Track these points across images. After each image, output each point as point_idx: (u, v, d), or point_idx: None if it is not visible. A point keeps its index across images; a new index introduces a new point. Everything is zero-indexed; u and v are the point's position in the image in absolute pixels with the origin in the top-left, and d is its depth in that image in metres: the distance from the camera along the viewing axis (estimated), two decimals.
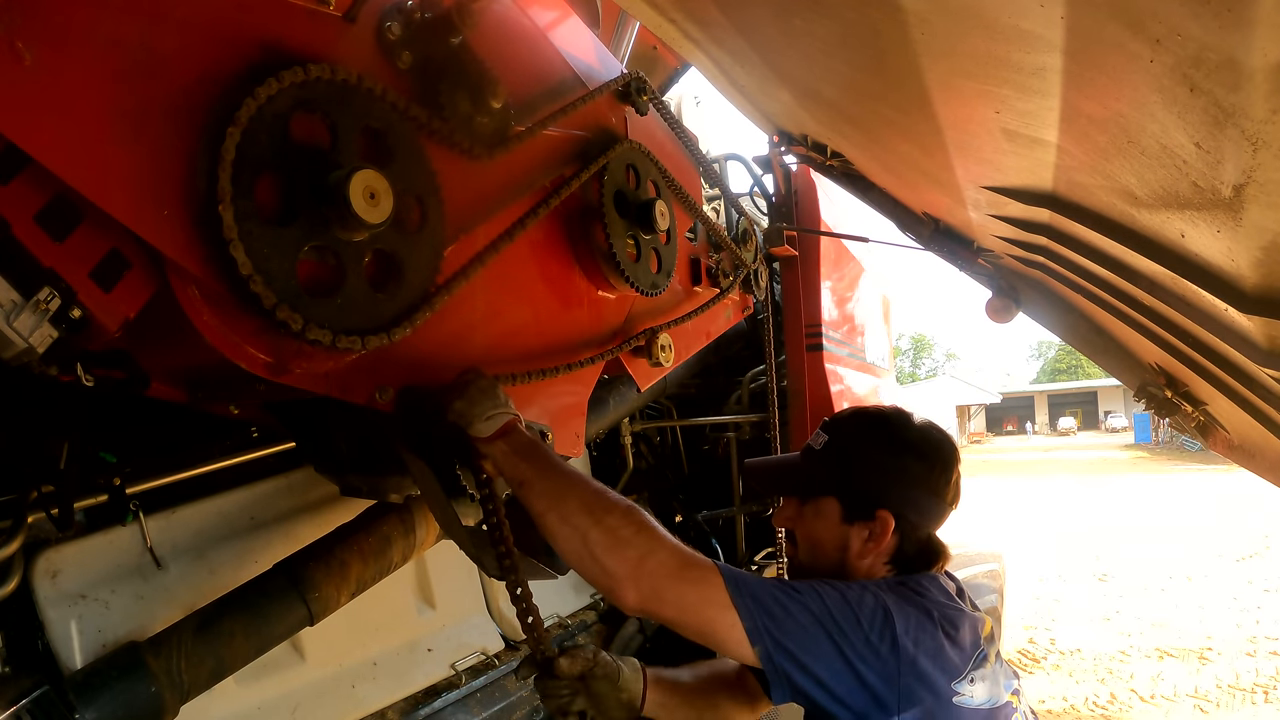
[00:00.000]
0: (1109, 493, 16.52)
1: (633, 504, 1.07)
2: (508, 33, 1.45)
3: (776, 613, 0.98)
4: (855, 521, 1.14)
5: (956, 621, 1.06)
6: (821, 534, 1.17)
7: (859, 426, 1.23)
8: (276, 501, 1.79)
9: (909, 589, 1.09)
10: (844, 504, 1.16)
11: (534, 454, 1.13)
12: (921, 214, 2.13)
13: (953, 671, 1.01)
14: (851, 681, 0.98)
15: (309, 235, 0.99)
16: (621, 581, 1.00)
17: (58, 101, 0.78)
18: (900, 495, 1.14)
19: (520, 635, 2.38)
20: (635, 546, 1.01)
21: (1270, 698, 5.24)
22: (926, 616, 1.04)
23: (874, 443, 1.18)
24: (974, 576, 3.76)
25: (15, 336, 0.82)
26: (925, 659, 0.99)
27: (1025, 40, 0.80)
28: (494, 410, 1.16)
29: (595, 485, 1.10)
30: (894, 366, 4.99)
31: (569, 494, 1.07)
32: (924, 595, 1.08)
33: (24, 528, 1.32)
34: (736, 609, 0.97)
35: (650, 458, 3.44)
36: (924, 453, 1.17)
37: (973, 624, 1.08)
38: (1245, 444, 1.85)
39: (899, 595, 1.06)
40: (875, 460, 1.16)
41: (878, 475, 1.15)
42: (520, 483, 1.11)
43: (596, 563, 1.01)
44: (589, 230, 1.63)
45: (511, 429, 1.16)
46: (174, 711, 1.29)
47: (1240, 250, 0.85)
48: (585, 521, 1.03)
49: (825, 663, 0.98)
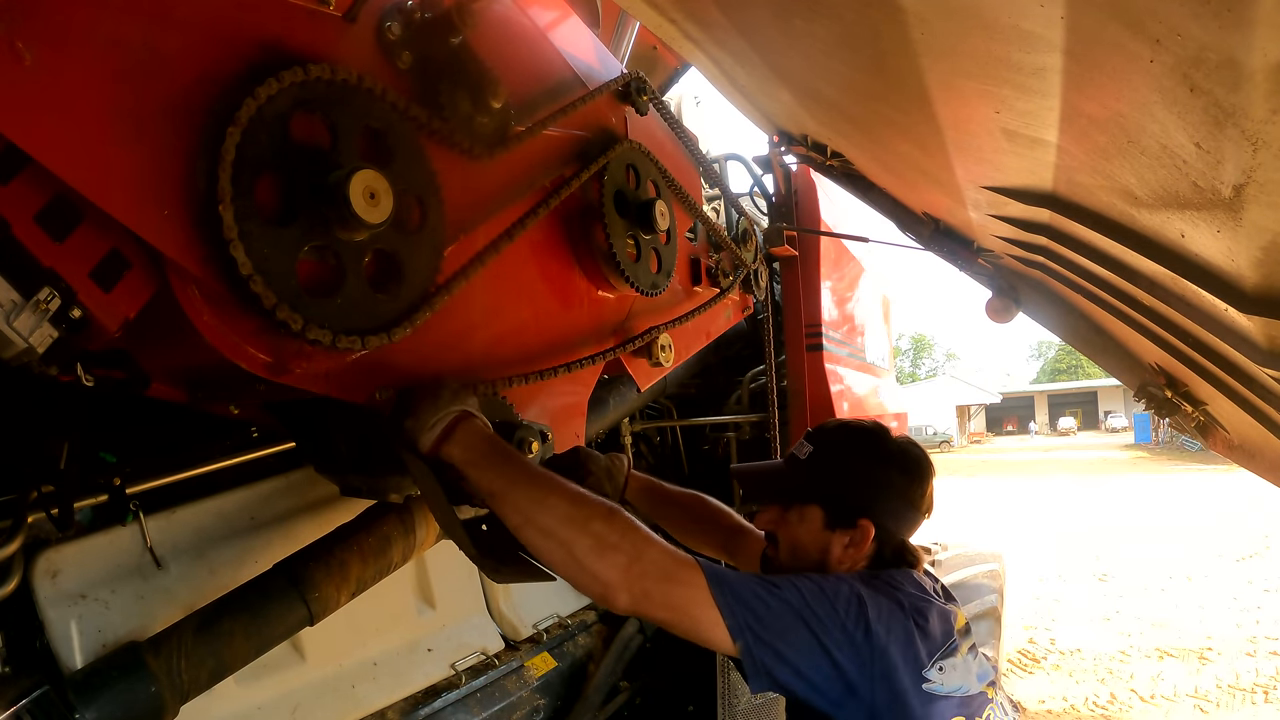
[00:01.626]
0: (1109, 493, 16.51)
1: (613, 505, 1.06)
2: (508, 33, 1.45)
3: (757, 608, 1.01)
4: (837, 529, 1.18)
5: (925, 612, 1.10)
6: (804, 538, 1.21)
7: (843, 439, 1.27)
8: (276, 501, 1.80)
9: (882, 581, 1.13)
10: (827, 511, 1.20)
11: (496, 459, 1.08)
12: (921, 214, 2.13)
13: (921, 660, 1.05)
14: (828, 669, 1.01)
15: (309, 235, 0.99)
16: (613, 587, 1.00)
17: (58, 101, 0.78)
18: (882, 506, 1.19)
19: (520, 635, 2.39)
20: (623, 550, 1.01)
21: (1270, 698, 5.24)
22: (897, 606, 1.08)
23: (859, 455, 1.23)
24: (974, 576, 3.76)
25: (15, 336, 0.82)
26: (896, 646, 1.03)
27: (1025, 40, 0.80)
28: (436, 415, 1.09)
29: (571, 489, 1.06)
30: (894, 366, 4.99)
31: (546, 504, 1.03)
32: (896, 588, 1.12)
33: (24, 528, 1.32)
34: (719, 607, 1.00)
35: (650, 458, 3.44)
36: (905, 466, 1.22)
37: (943, 615, 1.13)
38: (1245, 444, 1.85)
39: (872, 587, 1.10)
40: (860, 472, 1.21)
41: (862, 486, 1.20)
42: (489, 493, 1.06)
43: (585, 571, 1.01)
44: (589, 230, 1.62)
45: (456, 429, 1.09)
46: (174, 711, 1.29)
47: (1240, 250, 0.85)
48: (569, 532, 1.01)
49: (803, 653, 1.01)
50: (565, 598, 2.70)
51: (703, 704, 2.64)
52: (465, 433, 1.10)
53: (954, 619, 1.14)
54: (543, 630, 2.46)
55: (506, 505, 1.06)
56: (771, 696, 2.81)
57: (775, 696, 2.82)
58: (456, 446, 1.09)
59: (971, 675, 1.11)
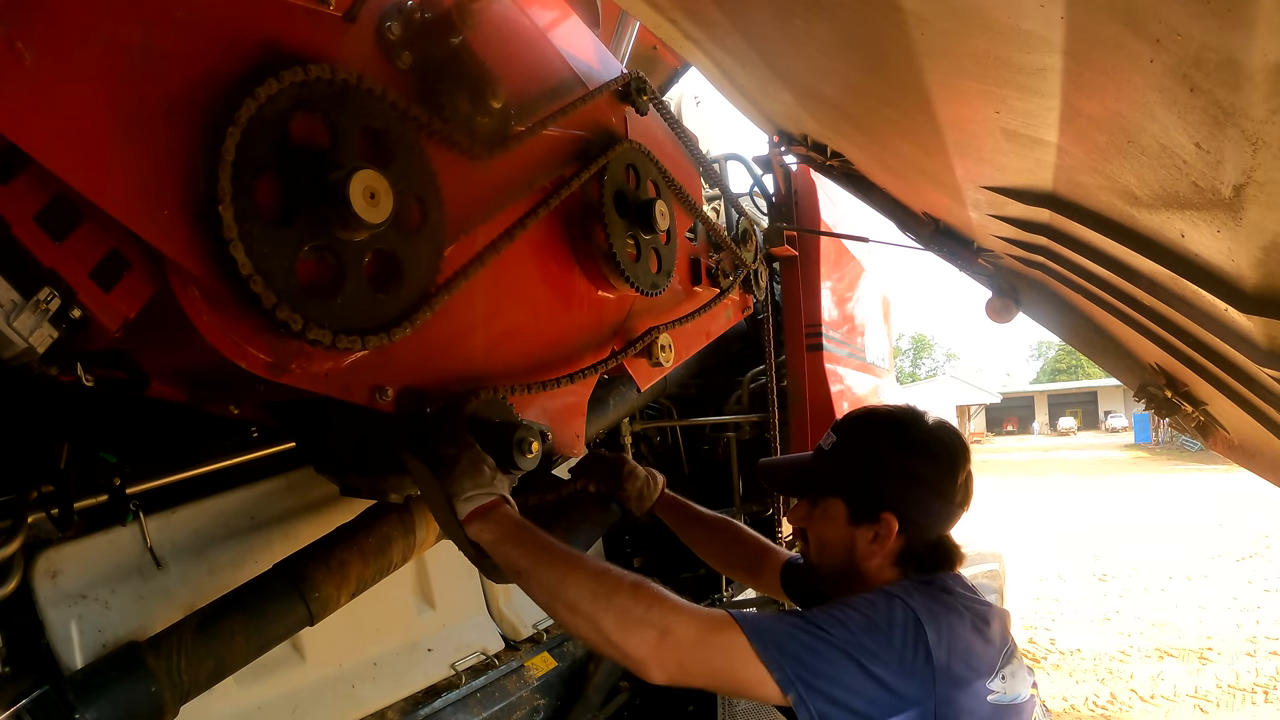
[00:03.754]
0: (1109, 493, 16.51)
1: (639, 577, 1.03)
2: (508, 33, 1.44)
3: (804, 656, 0.97)
4: (861, 523, 1.14)
5: (987, 617, 1.07)
6: (829, 535, 1.18)
7: (866, 428, 1.22)
8: (276, 501, 1.79)
9: (936, 588, 1.08)
10: (849, 505, 1.16)
11: (524, 539, 1.09)
12: (921, 214, 2.13)
13: (986, 670, 1.02)
14: (887, 700, 0.97)
15: (309, 235, 0.99)
16: (644, 663, 0.97)
17: (58, 101, 0.78)
18: (904, 497, 1.13)
19: (520, 635, 2.38)
20: (650, 624, 0.97)
21: (1270, 698, 5.24)
22: (958, 617, 1.04)
23: (879, 445, 1.18)
24: (974, 577, 3.73)
25: (15, 336, 0.82)
26: (959, 663, 1.00)
27: (1025, 40, 0.80)
28: (474, 490, 1.12)
29: (595, 565, 1.06)
30: (894, 366, 4.99)
31: (569, 581, 1.03)
32: (952, 594, 1.08)
33: (24, 528, 1.32)
34: (764, 662, 0.96)
35: (650, 458, 3.44)
36: (930, 454, 1.16)
37: (1000, 618, 1.09)
38: (1245, 444, 1.85)
39: (927, 597, 1.05)
40: (879, 462, 1.16)
41: (881, 477, 1.15)
42: (515, 571, 1.07)
43: (615, 648, 0.99)
44: (589, 230, 1.62)
45: (490, 512, 1.12)
46: (174, 711, 1.29)
47: (1240, 250, 0.85)
48: (594, 608, 1.00)
49: (859, 693, 0.97)
50: None
51: (703, 704, 2.64)
52: (499, 518, 1.12)
53: (1008, 620, 1.11)
54: (543, 630, 2.46)
55: (533, 583, 1.06)
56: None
57: None
58: (488, 530, 1.11)
59: (1025, 680, 1.08)
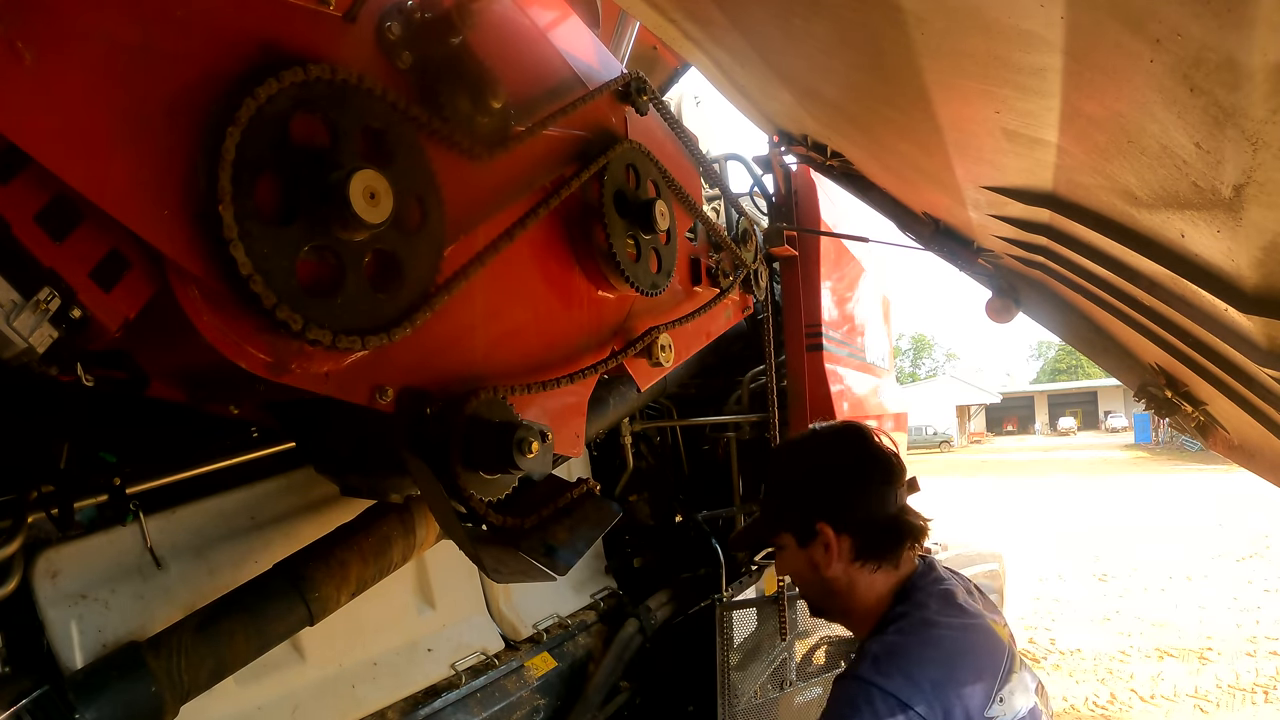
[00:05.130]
0: (1109, 493, 16.51)
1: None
2: (508, 33, 1.45)
3: None
4: (807, 543, 1.17)
5: (978, 638, 1.06)
6: (796, 566, 1.21)
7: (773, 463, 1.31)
8: (276, 501, 1.79)
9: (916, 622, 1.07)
10: (794, 534, 1.19)
11: None
12: (921, 214, 2.13)
13: (982, 700, 1.02)
14: None
15: (309, 235, 0.99)
16: None
17: (58, 101, 0.78)
18: (822, 500, 1.17)
19: (520, 635, 2.39)
20: None
21: (1270, 698, 5.24)
22: (945, 656, 1.03)
23: (783, 470, 1.26)
24: (974, 577, 3.75)
25: (15, 336, 0.82)
26: (956, 712, 0.99)
27: (1025, 40, 0.80)
28: None
29: None
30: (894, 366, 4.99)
31: None
32: (935, 624, 1.07)
33: (24, 528, 1.32)
34: None
35: (650, 458, 3.43)
36: (823, 451, 1.21)
37: (987, 635, 1.09)
38: (1245, 444, 1.85)
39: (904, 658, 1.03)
40: (789, 484, 1.23)
41: (797, 494, 1.21)
42: None
43: None
44: (589, 230, 1.62)
45: None
46: (174, 711, 1.29)
47: (1240, 250, 0.85)
48: None
49: None
50: (565, 597, 2.70)
51: (703, 704, 2.64)
52: None
53: (999, 633, 1.11)
54: (543, 630, 2.46)
55: None
56: (773, 696, 2.81)
57: (775, 696, 2.82)
58: None
59: (1029, 690, 1.08)
